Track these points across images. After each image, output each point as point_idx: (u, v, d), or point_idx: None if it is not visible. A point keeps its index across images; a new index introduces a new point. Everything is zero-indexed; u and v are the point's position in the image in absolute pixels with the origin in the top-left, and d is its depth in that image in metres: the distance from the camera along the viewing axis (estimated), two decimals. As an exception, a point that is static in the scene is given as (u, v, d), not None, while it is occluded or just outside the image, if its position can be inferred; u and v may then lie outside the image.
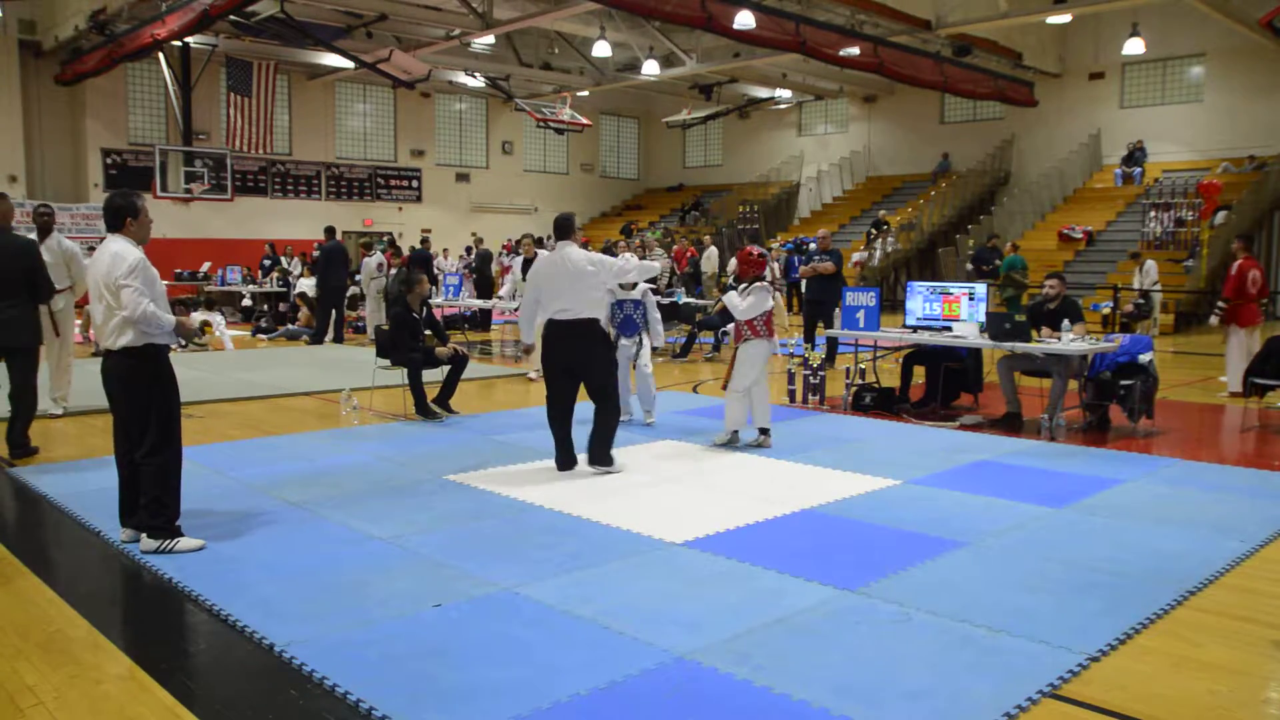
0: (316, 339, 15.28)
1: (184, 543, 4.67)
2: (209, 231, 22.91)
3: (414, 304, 8.58)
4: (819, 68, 22.58)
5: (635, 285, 7.86)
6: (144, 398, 4.67)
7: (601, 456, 6.34)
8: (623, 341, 7.88)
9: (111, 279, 4.55)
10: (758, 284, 7.05)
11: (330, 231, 15.55)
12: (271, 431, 7.85)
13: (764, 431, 7.18)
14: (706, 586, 4.21)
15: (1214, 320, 10.33)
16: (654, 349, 8.31)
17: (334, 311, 15.40)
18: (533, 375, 10.86)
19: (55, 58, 20.79)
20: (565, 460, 6.42)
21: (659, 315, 8.32)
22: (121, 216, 4.70)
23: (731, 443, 7.16)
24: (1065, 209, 22.77)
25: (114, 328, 4.60)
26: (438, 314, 10.55)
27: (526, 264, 10.87)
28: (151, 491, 4.65)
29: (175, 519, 4.72)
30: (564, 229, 6.40)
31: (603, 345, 6.45)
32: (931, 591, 4.13)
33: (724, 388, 7.18)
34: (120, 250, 4.61)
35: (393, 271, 15.05)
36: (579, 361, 6.29)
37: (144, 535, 4.68)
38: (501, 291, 13.99)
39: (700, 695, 3.20)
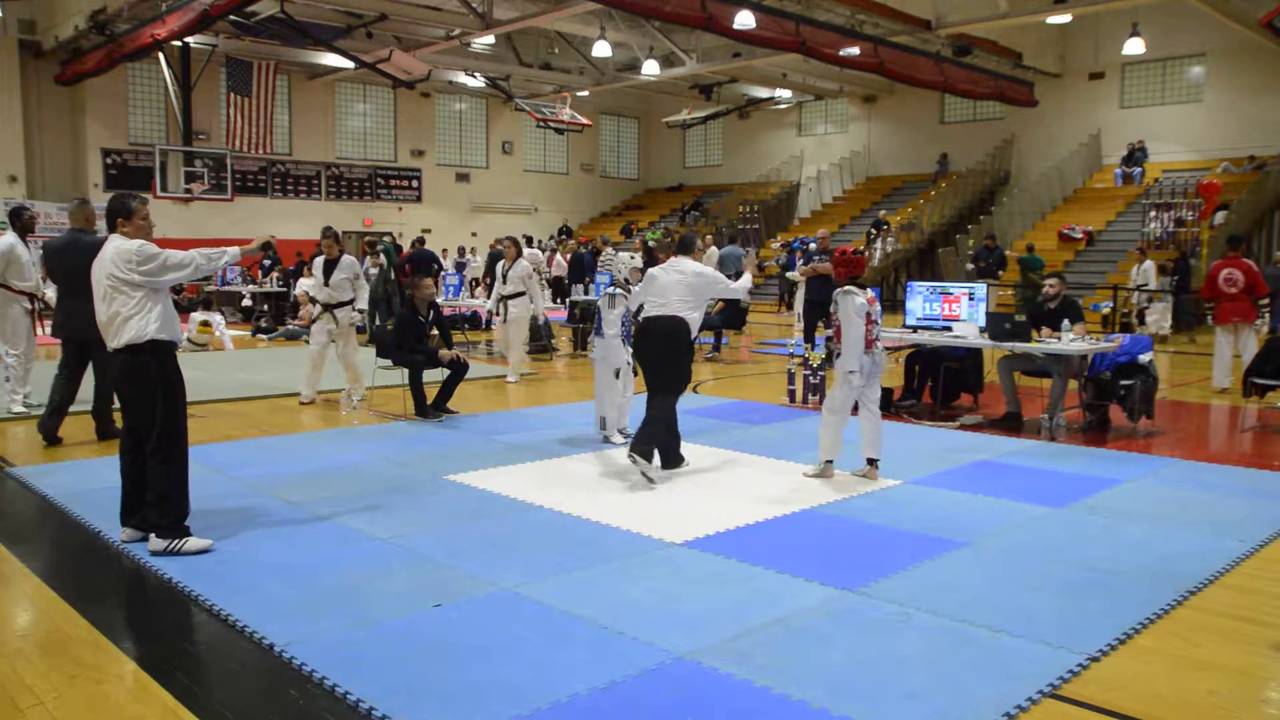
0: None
1: (192, 543, 4.64)
2: (209, 231, 22.90)
3: (420, 305, 8.57)
4: (819, 68, 22.58)
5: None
6: (150, 395, 4.63)
7: (644, 450, 5.95)
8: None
9: (117, 270, 4.59)
10: (852, 288, 6.05)
11: (325, 231, 15.47)
12: (271, 431, 7.85)
13: (872, 462, 6.22)
14: (706, 586, 4.21)
15: (1210, 320, 10.64)
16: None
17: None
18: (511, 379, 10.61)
19: (55, 58, 20.79)
20: (665, 460, 6.37)
21: None
22: (113, 218, 4.78)
23: (824, 474, 6.21)
24: (1065, 209, 22.77)
25: (117, 326, 4.60)
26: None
27: (330, 265, 9.00)
28: (157, 490, 4.62)
29: (184, 518, 4.69)
30: (685, 246, 6.55)
31: (684, 349, 6.37)
32: (931, 591, 4.13)
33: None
34: (118, 245, 4.66)
35: (373, 272, 15.01)
36: (658, 357, 6.33)
37: (151, 535, 4.63)
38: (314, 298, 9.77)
39: (700, 695, 3.20)
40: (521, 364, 11.12)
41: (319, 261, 9.23)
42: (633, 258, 10.37)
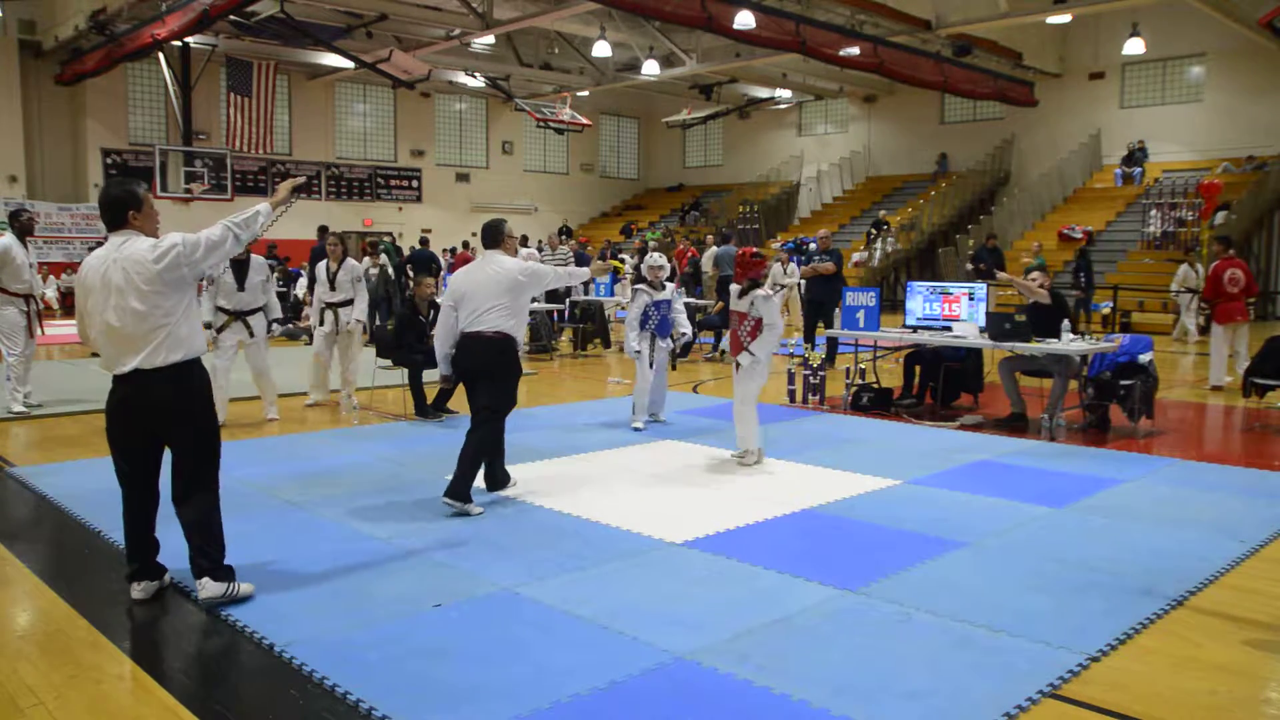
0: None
1: (244, 587, 4.06)
2: (209, 231, 22.91)
3: (420, 305, 8.57)
4: (819, 68, 22.59)
5: (664, 287, 7.87)
6: (193, 421, 3.99)
7: (459, 490, 5.33)
8: (660, 344, 7.92)
9: (166, 271, 3.85)
10: (760, 292, 6.39)
11: (323, 231, 15.52)
12: (271, 431, 7.85)
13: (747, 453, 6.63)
14: (706, 586, 4.20)
15: (1200, 320, 10.65)
16: (684, 340, 8.52)
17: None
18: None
19: (55, 58, 20.81)
20: (490, 480, 5.71)
21: (682, 307, 8.32)
22: (122, 210, 3.98)
23: (751, 459, 6.52)
24: (1065, 209, 22.79)
25: (162, 340, 3.85)
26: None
27: (242, 268, 7.86)
28: (205, 531, 4.03)
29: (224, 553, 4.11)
30: (491, 236, 5.64)
31: (508, 369, 5.53)
32: (931, 591, 4.13)
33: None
34: (146, 249, 3.89)
35: (373, 272, 15.03)
36: (479, 379, 5.50)
37: (205, 580, 3.95)
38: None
39: (700, 695, 3.20)
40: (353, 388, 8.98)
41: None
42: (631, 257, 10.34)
